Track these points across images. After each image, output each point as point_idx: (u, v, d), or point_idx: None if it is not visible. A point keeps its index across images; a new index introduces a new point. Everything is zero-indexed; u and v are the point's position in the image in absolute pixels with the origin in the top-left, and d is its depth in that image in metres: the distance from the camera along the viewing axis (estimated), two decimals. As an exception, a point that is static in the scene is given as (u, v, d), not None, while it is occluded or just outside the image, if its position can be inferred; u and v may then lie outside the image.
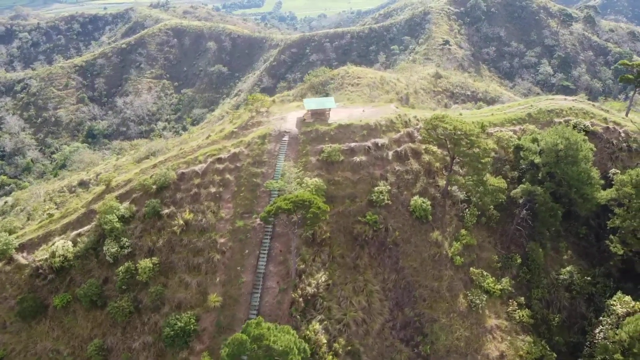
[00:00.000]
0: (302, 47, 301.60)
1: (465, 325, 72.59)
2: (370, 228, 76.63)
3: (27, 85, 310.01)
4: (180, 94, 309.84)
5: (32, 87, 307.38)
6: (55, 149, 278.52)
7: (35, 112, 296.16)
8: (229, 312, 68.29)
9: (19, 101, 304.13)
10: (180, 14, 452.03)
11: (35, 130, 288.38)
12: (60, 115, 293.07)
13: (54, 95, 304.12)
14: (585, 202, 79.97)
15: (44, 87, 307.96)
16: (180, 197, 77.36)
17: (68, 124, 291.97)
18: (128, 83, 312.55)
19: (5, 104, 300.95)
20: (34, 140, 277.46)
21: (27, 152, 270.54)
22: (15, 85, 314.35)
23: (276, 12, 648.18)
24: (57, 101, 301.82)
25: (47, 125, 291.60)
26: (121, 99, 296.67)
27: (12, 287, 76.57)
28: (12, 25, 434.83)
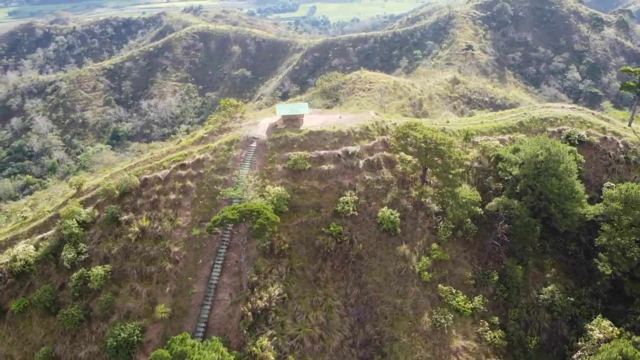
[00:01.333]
0: (325, 52, 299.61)
1: (428, 346, 68.48)
2: (333, 240, 73.41)
3: (57, 87, 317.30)
4: (204, 97, 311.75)
5: (61, 89, 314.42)
6: (81, 149, 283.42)
7: (63, 113, 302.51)
8: (177, 324, 66.15)
9: (49, 103, 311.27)
10: (212, 18, 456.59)
11: (63, 131, 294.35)
12: (87, 117, 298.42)
13: (82, 97, 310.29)
14: (565, 217, 74.76)
15: (73, 89, 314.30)
16: (141, 203, 75.82)
17: (94, 125, 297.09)
18: (154, 86, 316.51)
19: (36, 105, 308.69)
20: (60, 141, 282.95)
21: (53, 152, 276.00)
22: (46, 87, 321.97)
23: (310, 17, 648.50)
24: (85, 103, 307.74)
25: (74, 126, 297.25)
26: (146, 102, 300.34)
27: (-24, 289, 76.31)
28: (49, 29, 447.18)
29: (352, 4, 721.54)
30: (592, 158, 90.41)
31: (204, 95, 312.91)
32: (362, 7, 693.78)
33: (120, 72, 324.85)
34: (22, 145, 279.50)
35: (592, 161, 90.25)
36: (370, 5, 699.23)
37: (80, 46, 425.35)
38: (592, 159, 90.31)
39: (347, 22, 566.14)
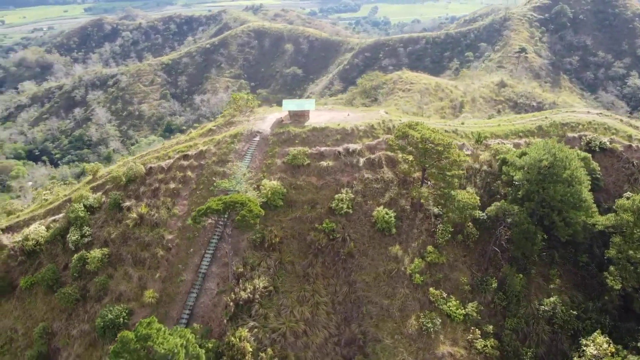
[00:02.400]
0: (376, 52, 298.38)
1: (411, 350, 67.17)
2: (325, 236, 73.31)
3: (118, 81, 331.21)
4: (256, 93, 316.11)
5: (121, 82, 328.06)
6: (135, 140, 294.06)
7: (122, 105, 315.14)
8: (163, 309, 67.97)
9: (109, 95, 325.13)
10: (271, 16, 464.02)
11: (120, 122, 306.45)
12: (143, 110, 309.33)
13: (140, 91, 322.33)
14: (567, 226, 71.39)
15: (132, 83, 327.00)
16: (143, 191, 78.32)
17: (149, 118, 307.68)
18: (208, 81, 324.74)
19: (98, 97, 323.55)
20: (117, 131, 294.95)
21: (110, 142, 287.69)
22: (108, 80, 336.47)
23: (370, 17, 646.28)
24: (142, 96, 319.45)
25: (130, 118, 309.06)
26: (199, 97, 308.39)
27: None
28: (117, 25, 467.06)
29: (415, 5, 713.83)
30: (614, 166, 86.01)
31: (255, 92, 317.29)
32: (424, 8, 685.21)
33: (177, 67, 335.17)
34: (82, 134, 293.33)
35: (613, 170, 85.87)
36: (433, 7, 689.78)
37: (144, 42, 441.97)
38: (613, 168, 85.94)
39: (408, 23, 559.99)
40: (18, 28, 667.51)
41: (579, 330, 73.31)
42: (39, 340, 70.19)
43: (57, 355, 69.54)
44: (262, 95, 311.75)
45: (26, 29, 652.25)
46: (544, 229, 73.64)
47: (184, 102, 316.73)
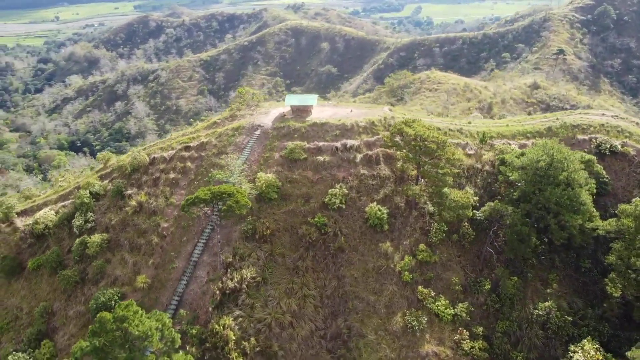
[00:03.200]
0: (411, 51, 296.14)
1: (394, 347, 67.05)
2: (317, 230, 73.90)
3: (158, 76, 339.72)
4: (290, 91, 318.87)
5: (161, 78, 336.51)
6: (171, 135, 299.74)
7: (160, 100, 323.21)
8: (154, 294, 69.98)
9: (149, 89, 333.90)
10: (312, 15, 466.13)
11: (158, 116, 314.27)
12: (181, 105, 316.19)
13: (178, 86, 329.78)
14: (562, 230, 69.72)
15: (171, 78, 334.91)
16: (145, 180, 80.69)
17: (186, 112, 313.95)
18: (244, 78, 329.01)
19: (138, 92, 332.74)
20: (155, 125, 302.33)
21: (147, 135, 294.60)
22: (149, 75, 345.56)
23: (413, 17, 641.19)
24: (180, 91, 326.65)
25: (168, 112, 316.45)
26: (235, 93, 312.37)
27: (5, 246, 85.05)
28: (162, 22, 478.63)
29: (460, 6, 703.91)
30: (624, 171, 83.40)
31: (290, 89, 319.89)
32: (469, 9, 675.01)
33: (215, 64, 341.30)
34: (122, 127, 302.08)
35: (623, 174, 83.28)
36: (478, 7, 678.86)
37: (187, 39, 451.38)
38: (623, 172, 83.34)
39: (451, 24, 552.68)
40: (71, 24, 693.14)
41: (575, 337, 71.52)
42: (40, 319, 73.31)
43: (55, 334, 72.43)
44: (296, 93, 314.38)
45: (78, 25, 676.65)
46: (543, 232, 72.10)
47: (220, 98, 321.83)
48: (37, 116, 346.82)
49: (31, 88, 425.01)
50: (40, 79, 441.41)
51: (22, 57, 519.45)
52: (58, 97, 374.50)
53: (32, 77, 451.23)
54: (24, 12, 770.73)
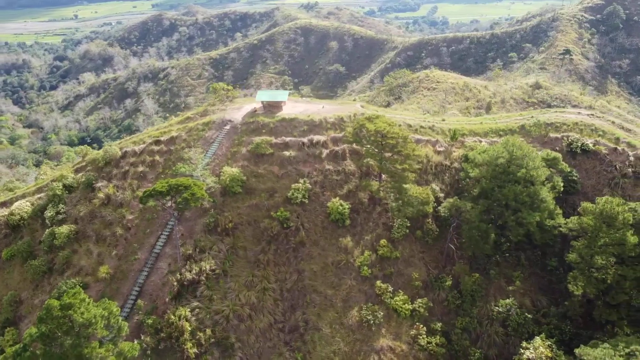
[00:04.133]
0: (419, 51, 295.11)
1: (348, 340, 67.51)
2: (279, 224, 74.52)
3: (168, 74, 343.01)
4: (298, 90, 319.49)
5: (171, 76, 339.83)
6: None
7: (169, 97, 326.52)
8: (115, 285, 71.23)
9: (159, 87, 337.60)
10: (324, 15, 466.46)
11: (167, 113, 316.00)
12: (189, 102, 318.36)
13: (187, 84, 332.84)
14: (520, 226, 69.43)
15: (181, 76, 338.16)
16: (115, 172, 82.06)
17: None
18: (252, 77, 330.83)
19: (148, 89, 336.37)
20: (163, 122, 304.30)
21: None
22: (159, 73, 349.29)
23: (429, 17, 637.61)
24: (189, 89, 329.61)
25: (176, 110, 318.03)
26: (242, 91, 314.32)
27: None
28: (175, 21, 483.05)
29: (477, 6, 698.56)
30: (595, 169, 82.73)
31: (298, 88, 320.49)
32: (486, 9, 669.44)
33: (224, 62, 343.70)
34: (131, 124, 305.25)
35: (594, 172, 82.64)
36: (495, 7, 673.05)
37: (199, 37, 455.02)
38: (594, 170, 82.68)
39: (466, 24, 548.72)
40: (89, 22, 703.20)
41: (535, 334, 71.09)
42: (7, 307, 75.01)
43: (21, 322, 74.07)
44: (304, 91, 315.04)
45: (96, 24, 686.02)
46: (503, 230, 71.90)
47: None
48: (50, 113, 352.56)
49: (46, 85, 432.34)
50: (55, 76, 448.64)
51: (40, 55, 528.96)
52: (71, 94, 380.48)
53: (47, 75, 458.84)
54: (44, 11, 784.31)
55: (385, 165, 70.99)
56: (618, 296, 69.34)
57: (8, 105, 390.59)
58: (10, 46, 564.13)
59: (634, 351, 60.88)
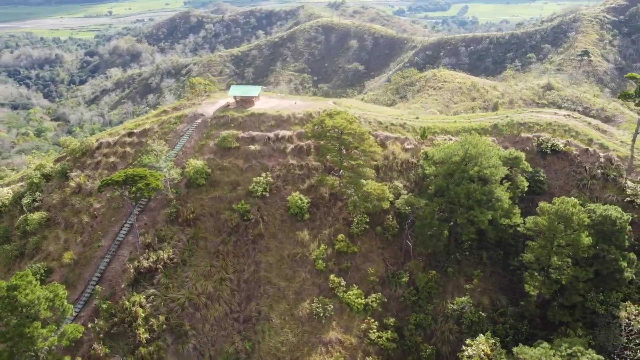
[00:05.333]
0: (437, 50, 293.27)
1: (297, 331, 68.59)
2: (239, 217, 76.02)
3: (190, 70, 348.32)
4: (317, 88, 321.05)
5: (193, 72, 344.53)
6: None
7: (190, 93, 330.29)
8: (78, 270, 73.83)
9: (180, 83, 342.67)
10: (350, 13, 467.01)
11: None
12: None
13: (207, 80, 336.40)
14: (471, 225, 69.28)
15: (202, 72, 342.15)
16: (89, 163, 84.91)
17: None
18: (272, 74, 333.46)
19: (170, 85, 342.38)
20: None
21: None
22: (182, 69, 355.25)
23: (459, 17, 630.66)
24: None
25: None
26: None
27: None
28: (202, 18, 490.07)
29: (509, 6, 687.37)
30: (564, 170, 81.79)
31: (317, 86, 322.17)
32: (519, 9, 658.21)
33: (245, 59, 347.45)
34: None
35: (563, 173, 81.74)
36: (528, 7, 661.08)
37: (225, 34, 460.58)
38: (563, 171, 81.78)
39: (495, 24, 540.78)
40: (122, 19, 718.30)
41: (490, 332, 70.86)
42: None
43: (-8, 303, 77.21)
44: (322, 89, 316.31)
45: (129, 20, 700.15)
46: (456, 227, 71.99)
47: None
48: (77, 106, 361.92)
49: (76, 79, 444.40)
50: (85, 71, 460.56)
51: (72, 50, 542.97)
52: (98, 89, 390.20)
53: (78, 69, 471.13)
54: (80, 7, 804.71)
55: (342, 160, 71.65)
56: (571, 297, 68.80)
57: (39, 98, 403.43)
58: (45, 41, 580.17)
59: (576, 352, 60.40)
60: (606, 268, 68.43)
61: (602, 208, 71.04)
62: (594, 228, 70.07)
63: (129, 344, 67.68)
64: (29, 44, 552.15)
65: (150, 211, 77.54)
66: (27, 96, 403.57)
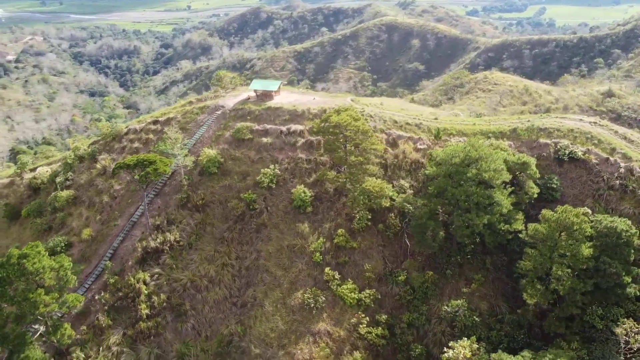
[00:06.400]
0: (500, 52, 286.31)
1: (287, 320, 70.66)
2: (245, 206, 78.91)
3: (254, 65, 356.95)
4: (376, 86, 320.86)
5: (256, 66, 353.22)
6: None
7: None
8: (95, 246, 79.24)
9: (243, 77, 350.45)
10: (419, 12, 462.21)
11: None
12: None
13: (270, 75, 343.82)
14: (467, 227, 68.78)
15: (265, 67, 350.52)
16: (116, 147, 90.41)
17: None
18: (333, 71, 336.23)
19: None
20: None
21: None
22: (246, 64, 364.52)
23: (535, 18, 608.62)
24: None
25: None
26: (320, 85, 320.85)
27: (14, 196, 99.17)
28: (272, 14, 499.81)
29: (591, 8, 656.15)
30: (581, 179, 79.25)
31: (376, 85, 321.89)
32: (600, 12, 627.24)
33: (308, 56, 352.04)
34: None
35: (579, 182, 79.24)
36: (610, 11, 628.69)
37: (292, 30, 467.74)
38: (580, 180, 79.27)
39: (572, 27, 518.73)
40: (200, 13, 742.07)
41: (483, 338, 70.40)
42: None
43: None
44: (381, 88, 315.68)
45: (206, 15, 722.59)
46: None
47: (307, 89, 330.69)
48: (147, 95, 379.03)
49: (150, 70, 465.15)
50: (159, 63, 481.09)
51: (150, 42, 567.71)
52: (168, 80, 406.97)
53: (152, 60, 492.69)
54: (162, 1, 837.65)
55: (343, 156, 72.99)
56: (568, 309, 67.15)
57: (115, 87, 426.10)
58: (127, 33, 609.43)
59: (558, 364, 59.35)
60: (606, 282, 66.14)
61: (609, 219, 68.70)
62: (598, 240, 68.08)
63: (131, 317, 72.21)
64: (111, 35, 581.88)
65: (164, 195, 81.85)
66: (104, 84, 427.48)
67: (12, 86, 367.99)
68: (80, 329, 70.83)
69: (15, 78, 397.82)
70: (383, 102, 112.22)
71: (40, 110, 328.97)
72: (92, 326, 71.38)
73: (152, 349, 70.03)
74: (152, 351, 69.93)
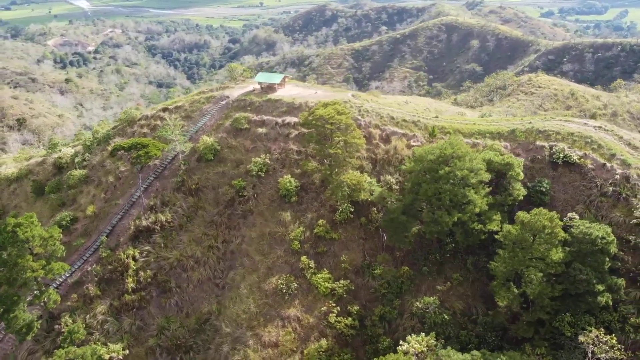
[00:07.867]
0: (561, 55, 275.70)
1: (259, 303, 73.35)
2: (235, 192, 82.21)
3: (312, 61, 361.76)
4: (431, 87, 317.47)
5: (314, 63, 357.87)
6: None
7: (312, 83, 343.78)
8: (96, 222, 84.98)
9: (301, 73, 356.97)
10: (485, 13, 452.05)
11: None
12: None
13: (326, 72, 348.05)
14: (435, 224, 68.83)
15: (322, 64, 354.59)
16: (129, 131, 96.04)
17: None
18: (389, 70, 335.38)
19: (291, 74, 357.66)
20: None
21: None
22: (305, 60, 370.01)
23: (614, 21, 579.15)
24: (328, 77, 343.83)
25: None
26: (374, 83, 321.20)
27: (43, 173, 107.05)
28: (337, 12, 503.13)
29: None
30: (574, 183, 77.18)
31: (431, 85, 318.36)
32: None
33: (365, 54, 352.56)
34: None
35: (571, 187, 77.20)
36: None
37: (356, 29, 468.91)
38: (572, 184, 77.23)
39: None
40: (271, 10, 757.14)
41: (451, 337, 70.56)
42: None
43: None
44: (436, 88, 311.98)
45: (276, 12, 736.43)
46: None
47: (362, 87, 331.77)
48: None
49: (216, 64, 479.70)
50: (225, 57, 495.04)
51: (220, 37, 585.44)
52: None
53: (220, 55, 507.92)
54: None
55: (317, 148, 74.73)
56: (535, 313, 66.18)
57: (182, 79, 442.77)
58: (200, 28, 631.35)
59: (506, 367, 58.99)
60: (575, 288, 64.72)
61: (586, 225, 67.05)
62: (573, 245, 66.61)
63: (119, 290, 77.14)
64: (185, 30, 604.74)
65: (163, 178, 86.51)
66: (173, 76, 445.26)
67: (87, 75, 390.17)
68: (71, 297, 76.45)
69: (92, 68, 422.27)
70: (411, 100, 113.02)
71: (109, 98, 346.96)
72: (83, 295, 76.85)
73: (134, 320, 74.59)
74: (134, 322, 74.46)
